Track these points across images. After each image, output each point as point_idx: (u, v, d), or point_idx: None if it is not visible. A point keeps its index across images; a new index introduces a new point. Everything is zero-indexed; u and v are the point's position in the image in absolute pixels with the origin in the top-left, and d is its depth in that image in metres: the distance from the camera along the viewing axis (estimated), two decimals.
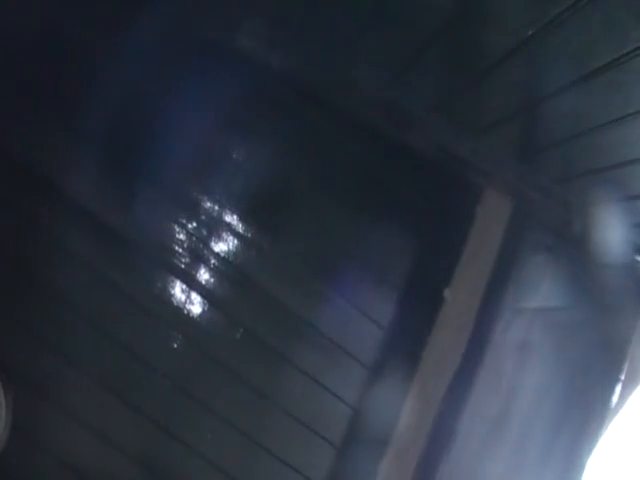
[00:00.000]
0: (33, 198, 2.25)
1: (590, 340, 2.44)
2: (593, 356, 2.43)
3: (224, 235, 2.38)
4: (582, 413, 2.42)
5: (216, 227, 2.38)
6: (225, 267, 2.38)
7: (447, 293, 2.46)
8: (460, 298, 2.46)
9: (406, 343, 2.48)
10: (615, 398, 2.39)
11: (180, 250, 2.35)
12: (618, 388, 2.40)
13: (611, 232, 2.26)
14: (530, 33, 1.55)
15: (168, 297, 2.34)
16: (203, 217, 2.37)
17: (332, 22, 2.05)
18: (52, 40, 2.26)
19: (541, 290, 2.47)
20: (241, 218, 2.40)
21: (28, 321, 2.23)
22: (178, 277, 2.35)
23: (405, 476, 2.35)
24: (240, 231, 2.40)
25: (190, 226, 2.36)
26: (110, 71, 2.27)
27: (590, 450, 2.39)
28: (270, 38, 2.26)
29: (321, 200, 2.48)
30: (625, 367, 2.40)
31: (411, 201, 2.54)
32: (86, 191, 2.28)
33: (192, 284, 2.36)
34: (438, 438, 2.36)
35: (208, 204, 2.38)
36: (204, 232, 2.37)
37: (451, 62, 1.90)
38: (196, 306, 2.35)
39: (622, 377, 2.40)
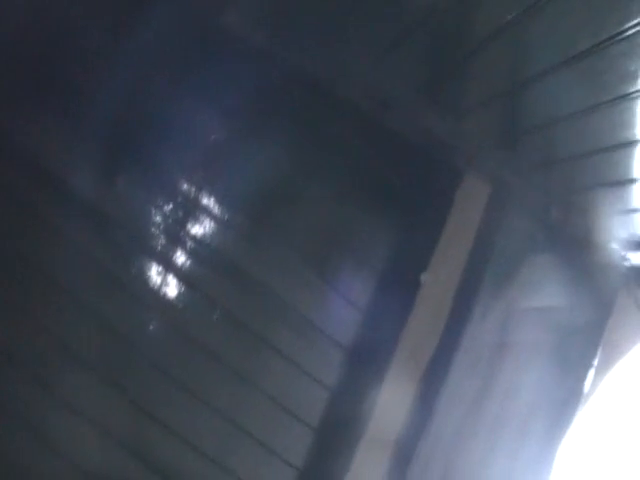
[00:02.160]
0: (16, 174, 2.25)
1: (565, 325, 2.47)
2: (567, 341, 2.46)
3: (202, 217, 2.38)
4: (556, 398, 2.45)
5: (194, 210, 2.37)
6: (203, 249, 2.38)
7: (424, 277, 2.48)
8: (438, 282, 2.48)
9: (384, 326, 2.49)
10: (588, 384, 2.42)
11: (158, 232, 2.34)
12: (591, 374, 2.43)
13: (588, 218, 2.29)
14: (510, 18, 1.56)
15: (145, 278, 2.34)
16: (181, 199, 2.37)
17: (317, 4, 2.05)
18: (52, 33, 2.26)
19: (519, 276, 2.49)
20: (218, 200, 2.40)
21: (9, 295, 2.23)
22: (155, 258, 2.34)
23: (383, 458, 2.37)
24: (217, 214, 2.39)
25: (168, 208, 2.35)
26: (104, 61, 2.27)
27: (563, 434, 2.42)
28: (256, 17, 2.26)
29: (300, 181, 2.48)
30: (598, 353, 2.43)
31: (391, 184, 2.54)
32: (67, 170, 2.28)
33: (170, 265, 2.35)
34: (416, 419, 2.38)
35: (187, 187, 2.38)
36: (182, 214, 2.36)
37: (434, 45, 1.90)
38: (173, 287, 2.35)
39: (595, 363, 2.44)
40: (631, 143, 1.72)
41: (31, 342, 2.22)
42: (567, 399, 2.45)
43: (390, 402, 2.39)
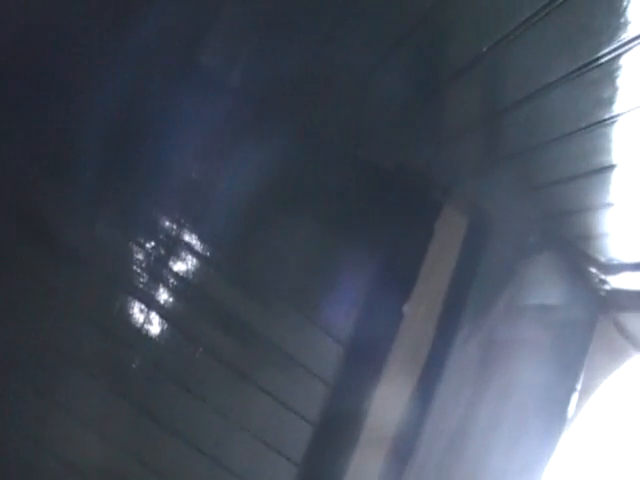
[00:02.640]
0: None
1: (547, 350, 2.48)
2: (550, 366, 2.47)
3: (182, 254, 2.38)
4: (540, 422, 2.46)
5: (174, 246, 2.37)
6: (183, 286, 2.37)
7: (406, 308, 2.48)
8: (419, 313, 2.48)
9: (367, 359, 2.49)
10: (572, 408, 2.43)
11: (139, 270, 2.34)
12: (575, 398, 2.44)
13: (566, 244, 2.31)
14: (485, 49, 1.59)
15: (127, 318, 2.32)
16: (161, 236, 2.37)
17: (289, 40, 2.07)
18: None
19: (499, 303, 2.50)
20: (199, 237, 2.40)
21: None
22: (136, 297, 2.33)
23: None
24: (199, 250, 2.39)
25: (148, 245, 2.35)
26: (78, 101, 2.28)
27: (548, 459, 2.42)
28: (230, 56, 2.28)
29: (280, 217, 2.49)
30: (581, 377, 2.44)
31: (370, 216, 2.56)
32: (47, 209, 2.27)
33: (151, 303, 2.34)
34: (398, 455, 2.38)
35: (167, 223, 2.38)
36: (162, 251, 2.36)
37: (408, 77, 1.93)
38: (155, 326, 2.34)
39: (578, 387, 2.45)
40: (607, 168, 1.75)
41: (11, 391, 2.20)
42: (551, 424, 2.45)
43: (373, 437, 2.39)
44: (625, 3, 1.26)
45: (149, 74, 2.33)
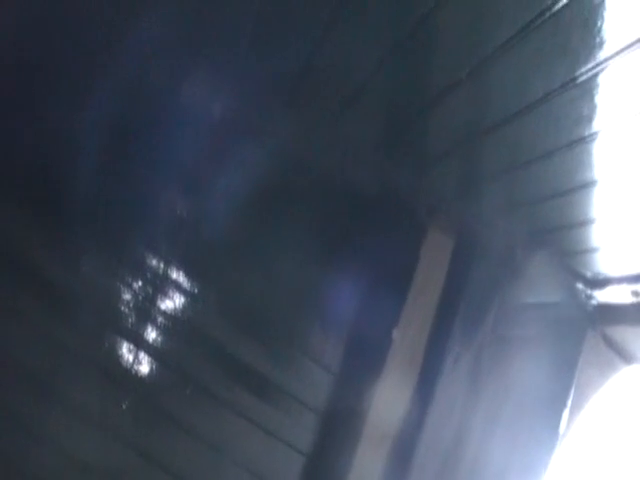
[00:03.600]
0: None
1: (537, 368, 2.50)
2: (540, 383, 2.48)
3: (170, 291, 2.38)
4: (531, 440, 2.47)
5: (162, 284, 2.37)
6: (172, 323, 2.37)
7: (395, 333, 2.49)
8: (408, 336, 2.49)
9: (357, 387, 2.49)
10: (563, 424, 2.44)
11: (127, 309, 2.33)
12: (566, 414, 2.45)
13: (552, 260, 2.33)
14: (465, 72, 1.62)
15: (116, 356, 2.31)
16: (149, 275, 2.36)
17: (270, 69, 2.10)
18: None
19: (487, 322, 2.52)
20: (187, 273, 2.40)
21: None
22: (125, 336, 2.33)
23: None
24: (186, 287, 2.39)
25: (136, 284, 2.35)
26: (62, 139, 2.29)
27: (541, 476, 2.43)
28: (214, 86, 2.29)
29: (268, 249, 2.50)
30: (572, 393, 2.46)
31: (356, 241, 2.56)
32: (34, 249, 2.26)
33: (140, 343, 2.33)
34: (392, 477, 2.37)
35: (154, 261, 2.38)
36: (150, 290, 2.36)
37: (390, 101, 1.95)
38: (145, 364, 2.33)
39: (569, 402, 2.46)
40: (589, 184, 1.78)
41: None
42: (542, 441, 2.46)
43: (365, 462, 2.39)
44: (600, 23, 1.29)
45: (132, 107, 2.34)
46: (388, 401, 2.45)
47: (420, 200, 2.38)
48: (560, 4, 1.29)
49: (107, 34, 2.07)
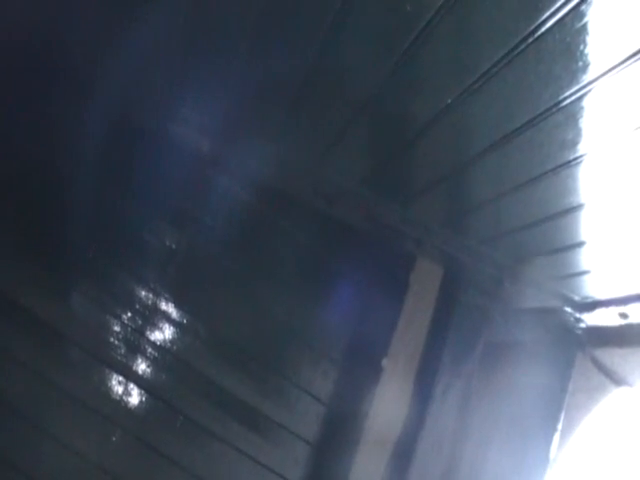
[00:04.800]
0: None
1: (527, 393, 2.49)
2: (530, 408, 2.48)
3: (159, 324, 2.37)
4: (522, 464, 2.46)
5: (151, 316, 2.36)
6: (162, 355, 2.36)
7: (385, 362, 2.48)
8: (398, 366, 2.49)
9: (348, 416, 2.49)
10: (554, 448, 2.43)
11: (116, 342, 2.32)
12: (557, 438, 2.44)
13: (540, 285, 2.34)
14: (449, 102, 1.63)
15: (106, 390, 2.30)
16: (138, 306, 2.36)
17: (256, 108, 2.10)
18: None
19: (476, 350, 2.51)
20: (175, 305, 2.40)
21: None
22: (115, 369, 2.31)
23: None
24: (176, 318, 2.39)
25: (125, 317, 2.34)
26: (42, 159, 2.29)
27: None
28: (200, 125, 2.30)
29: (256, 281, 2.50)
30: (562, 417, 2.45)
31: (345, 274, 2.58)
32: (23, 287, 2.26)
33: (129, 375, 2.33)
34: None
35: (143, 293, 2.37)
36: (139, 322, 2.35)
37: (374, 135, 1.96)
38: (134, 397, 2.33)
39: (560, 427, 2.45)
40: (576, 207, 1.79)
41: None
42: (533, 465, 2.45)
43: None
44: (582, 47, 1.30)
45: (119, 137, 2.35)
46: (379, 431, 2.44)
47: (407, 231, 2.38)
48: (542, 30, 1.30)
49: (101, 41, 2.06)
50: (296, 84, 1.85)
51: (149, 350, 2.36)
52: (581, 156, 1.60)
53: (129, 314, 2.36)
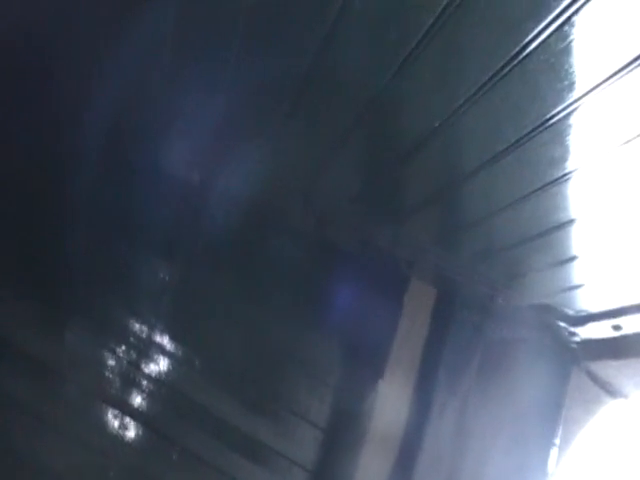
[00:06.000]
0: None
1: (523, 408, 2.50)
2: (527, 423, 2.49)
3: (154, 356, 2.37)
4: (521, 479, 2.46)
5: (145, 349, 2.36)
6: (157, 387, 2.35)
7: (381, 384, 2.49)
8: (394, 387, 2.49)
9: (345, 442, 2.48)
10: (552, 462, 2.44)
11: (111, 375, 2.32)
12: (554, 452, 2.45)
13: (533, 302, 2.35)
14: (437, 125, 1.65)
15: (102, 425, 2.29)
16: (132, 339, 2.36)
17: (246, 133, 2.12)
18: None
19: (472, 367, 2.52)
20: (170, 336, 2.39)
21: None
22: (110, 403, 2.31)
23: None
24: (170, 350, 2.38)
25: (119, 350, 2.34)
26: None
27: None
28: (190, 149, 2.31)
29: (249, 307, 2.50)
30: (559, 430, 2.46)
31: (339, 297, 2.58)
32: (13, 324, 2.25)
33: (125, 408, 2.32)
34: None
35: (137, 326, 2.37)
36: (134, 355, 2.35)
37: (365, 157, 1.98)
38: (131, 431, 2.32)
39: (557, 441, 2.46)
40: (567, 223, 1.81)
41: None
42: None
43: None
44: (566, 66, 1.33)
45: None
46: (377, 453, 2.44)
47: (400, 253, 2.40)
48: (526, 51, 1.32)
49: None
50: (282, 111, 1.87)
51: (144, 383, 2.35)
52: (569, 172, 1.62)
53: (123, 347, 2.35)
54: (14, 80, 2.24)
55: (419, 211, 2.12)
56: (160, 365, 2.37)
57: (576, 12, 1.18)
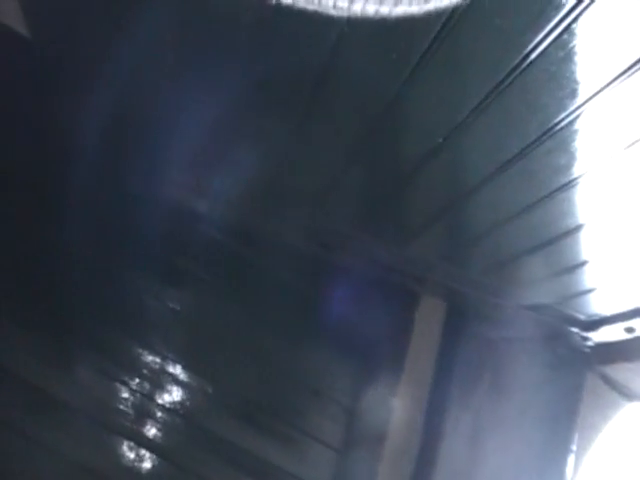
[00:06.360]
0: None
1: (538, 417, 2.50)
2: (543, 431, 2.48)
3: (168, 386, 2.36)
4: None
5: (159, 379, 2.36)
6: (171, 417, 2.35)
7: (394, 402, 2.48)
8: (407, 404, 2.49)
9: (359, 461, 2.48)
10: (570, 469, 2.43)
11: (125, 407, 2.31)
12: (572, 459, 2.44)
13: (544, 309, 2.35)
14: (440, 141, 1.66)
15: (117, 458, 2.28)
16: (145, 371, 2.36)
17: (250, 167, 2.13)
18: None
19: (484, 380, 2.52)
20: (183, 366, 2.39)
21: None
22: (125, 436, 2.30)
23: None
24: (182, 379, 2.38)
25: (133, 382, 2.34)
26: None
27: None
28: (197, 187, 2.32)
29: (258, 333, 2.50)
30: (575, 437, 2.45)
31: (348, 317, 2.58)
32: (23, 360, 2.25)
33: (140, 440, 2.32)
34: None
35: (149, 357, 2.37)
36: (147, 386, 2.35)
37: (369, 179, 1.99)
38: (146, 462, 2.31)
39: (574, 448, 2.45)
40: (575, 229, 1.81)
41: None
42: None
43: None
44: (567, 74, 1.34)
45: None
46: (392, 472, 2.43)
47: (409, 270, 2.40)
48: (526, 62, 1.33)
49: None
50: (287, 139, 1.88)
51: (158, 413, 2.35)
52: (575, 179, 1.62)
53: (136, 379, 2.35)
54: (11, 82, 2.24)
55: (426, 227, 2.13)
56: (173, 395, 2.37)
57: (575, 20, 1.19)
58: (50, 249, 2.33)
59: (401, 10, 0.58)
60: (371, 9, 0.57)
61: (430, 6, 0.57)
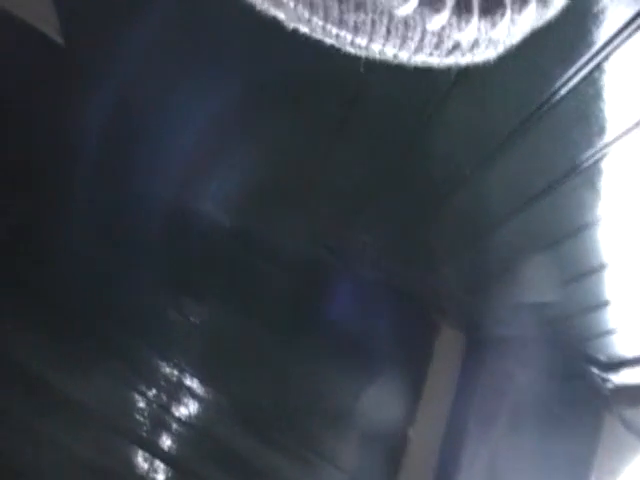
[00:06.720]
0: None
1: (555, 457, 2.47)
2: (560, 473, 2.45)
3: (184, 399, 2.37)
4: None
5: (176, 392, 2.37)
6: (186, 430, 2.36)
7: (412, 432, 2.47)
8: (424, 435, 2.47)
9: None
10: None
11: (141, 418, 2.32)
12: None
13: (565, 347, 2.34)
14: (467, 173, 1.66)
15: (132, 467, 2.29)
16: (163, 383, 2.37)
17: (279, 183, 2.15)
18: None
19: (503, 414, 2.50)
20: (200, 380, 2.40)
21: None
22: (141, 446, 2.31)
23: None
24: (200, 393, 2.39)
25: (150, 393, 2.35)
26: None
27: None
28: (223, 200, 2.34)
29: (278, 351, 2.51)
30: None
31: (369, 344, 2.58)
32: (47, 367, 2.27)
33: (155, 451, 2.32)
34: None
35: (167, 369, 2.38)
36: (164, 398, 2.36)
37: (396, 206, 1.99)
38: (160, 474, 2.31)
39: None
40: (599, 268, 1.80)
41: None
42: None
43: None
44: (597, 112, 1.33)
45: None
46: None
47: (431, 299, 2.40)
48: (557, 97, 1.33)
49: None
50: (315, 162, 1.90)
51: (174, 426, 2.36)
52: (600, 217, 1.62)
53: (154, 390, 2.37)
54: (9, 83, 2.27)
55: (450, 259, 2.13)
56: (190, 408, 2.38)
57: (606, 58, 1.19)
58: (68, 258, 2.36)
59: (420, 59, 0.58)
60: (390, 52, 0.57)
61: (450, 60, 0.57)
